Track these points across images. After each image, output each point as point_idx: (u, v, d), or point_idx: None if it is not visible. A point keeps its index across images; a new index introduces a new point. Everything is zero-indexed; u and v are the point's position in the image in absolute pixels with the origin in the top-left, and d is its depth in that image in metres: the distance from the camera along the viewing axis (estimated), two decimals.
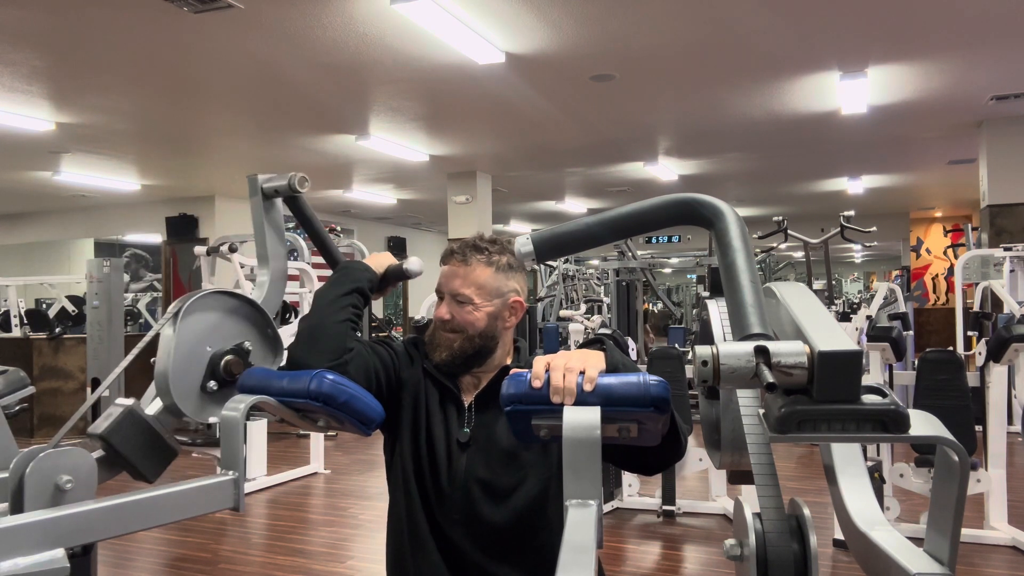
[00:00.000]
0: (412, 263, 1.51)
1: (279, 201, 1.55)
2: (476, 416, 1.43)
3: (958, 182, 10.24)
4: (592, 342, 1.19)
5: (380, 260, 1.51)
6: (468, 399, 1.44)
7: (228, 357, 1.31)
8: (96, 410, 1.46)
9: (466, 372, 1.45)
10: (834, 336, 0.73)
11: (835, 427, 0.70)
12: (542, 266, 9.58)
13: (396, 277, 1.51)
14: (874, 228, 7.83)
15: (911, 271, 13.68)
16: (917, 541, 0.78)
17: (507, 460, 1.38)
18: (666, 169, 9.16)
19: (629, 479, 4.47)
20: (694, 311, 11.05)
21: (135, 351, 1.25)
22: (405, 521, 1.42)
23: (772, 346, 0.73)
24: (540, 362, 1.02)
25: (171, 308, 1.28)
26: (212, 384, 1.30)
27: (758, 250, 9.62)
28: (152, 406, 1.26)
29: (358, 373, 1.35)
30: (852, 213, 7.39)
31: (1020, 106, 6.42)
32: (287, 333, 2.95)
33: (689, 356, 4.20)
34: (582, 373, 1.00)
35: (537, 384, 0.99)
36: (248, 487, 4.93)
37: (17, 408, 1.60)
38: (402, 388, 1.46)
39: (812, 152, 8.37)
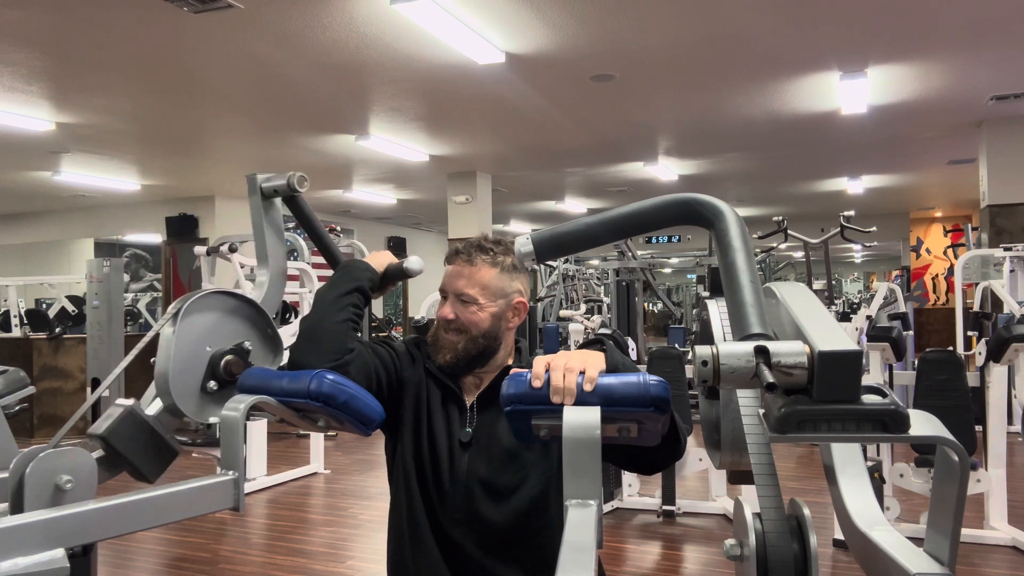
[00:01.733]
0: (412, 262, 1.51)
1: (278, 201, 1.55)
2: (478, 416, 1.43)
3: (958, 182, 10.24)
4: (592, 342, 1.19)
5: (380, 259, 1.51)
6: (470, 399, 1.45)
7: (228, 357, 1.31)
8: (96, 410, 1.46)
9: (468, 372, 1.45)
10: (834, 336, 0.73)
11: (835, 427, 0.70)
12: (542, 266, 9.59)
13: (396, 276, 1.51)
14: (874, 228, 7.83)
15: (911, 271, 13.68)
16: (917, 541, 0.78)
17: (508, 460, 1.38)
18: (666, 169, 9.16)
19: (629, 479, 4.47)
20: (694, 311, 11.05)
21: (135, 351, 1.25)
22: (406, 520, 1.42)
23: (772, 346, 0.73)
24: (540, 362, 1.02)
25: (171, 308, 1.28)
26: (212, 384, 1.30)
27: (758, 250, 9.62)
28: (152, 406, 1.26)
29: (359, 373, 1.35)
30: (852, 213, 7.39)
31: (1020, 106, 6.42)
32: (287, 333, 2.96)
33: (689, 356, 4.20)
34: (582, 373, 1.00)
35: (537, 384, 0.99)
36: (248, 487, 4.93)
37: (17, 408, 1.60)
38: (403, 388, 1.46)
39: (812, 152, 8.38)
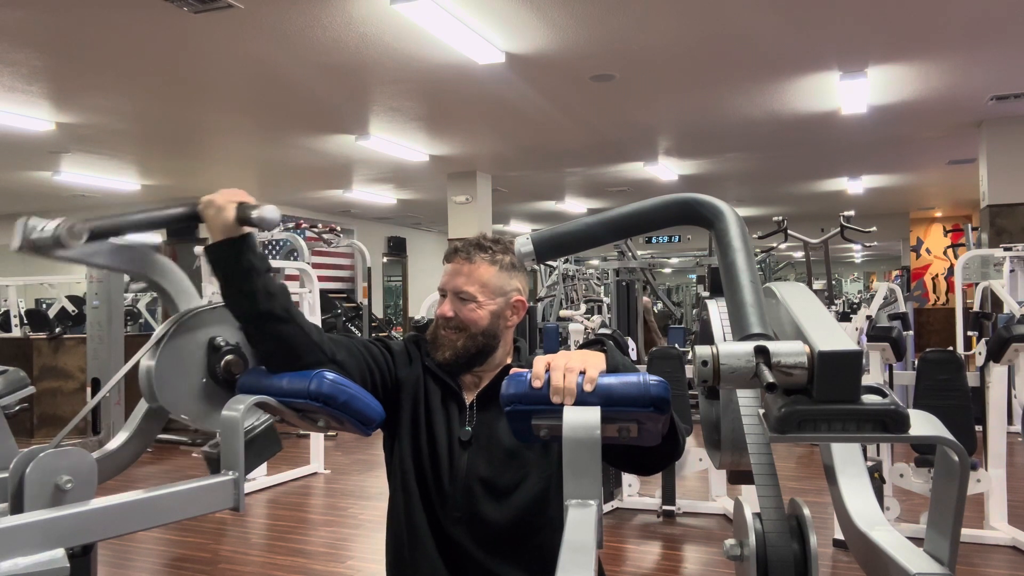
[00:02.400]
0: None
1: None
2: (478, 414, 1.43)
3: (958, 182, 10.24)
4: (592, 343, 1.19)
5: (227, 195, 1.24)
6: (469, 397, 1.45)
7: (228, 357, 1.31)
8: (97, 412, 1.46)
9: (467, 371, 1.45)
10: (834, 336, 0.73)
11: (835, 427, 0.70)
12: (542, 266, 9.58)
13: (245, 221, 1.23)
14: (874, 228, 7.82)
15: (911, 271, 13.68)
16: (917, 541, 0.78)
17: (509, 459, 1.38)
18: (666, 169, 9.16)
19: (629, 479, 4.47)
20: (694, 311, 11.05)
21: (137, 357, 1.25)
22: (404, 520, 1.42)
23: (772, 346, 0.73)
24: (540, 362, 1.02)
25: (169, 321, 1.27)
26: (212, 384, 1.30)
27: (758, 250, 9.61)
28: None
29: (352, 372, 1.35)
30: (852, 213, 7.38)
31: (1020, 106, 6.42)
32: None
33: (689, 356, 4.20)
34: (582, 373, 1.00)
35: (537, 384, 0.99)
36: (248, 487, 4.93)
37: (17, 408, 1.60)
38: (400, 387, 1.46)
39: (812, 152, 8.38)
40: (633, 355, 5.89)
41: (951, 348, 4.10)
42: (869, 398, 0.71)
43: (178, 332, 1.25)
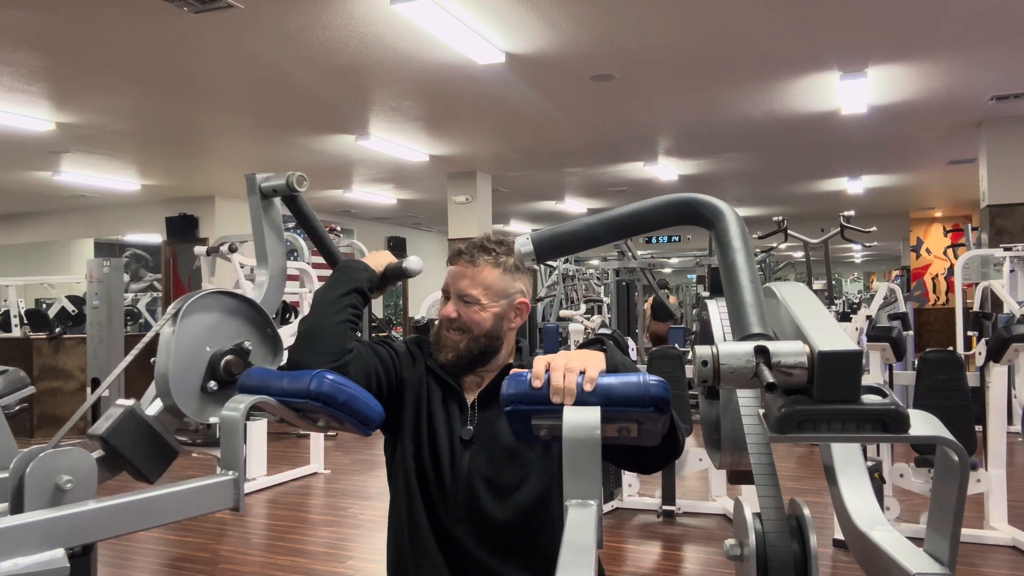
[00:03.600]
0: (412, 262, 1.50)
1: (277, 201, 1.55)
2: (479, 414, 1.43)
3: (958, 182, 10.24)
4: (592, 342, 1.19)
5: (379, 259, 1.51)
6: (471, 397, 1.45)
7: (228, 357, 1.31)
8: (96, 411, 1.46)
9: (470, 371, 1.45)
10: (834, 336, 0.73)
11: (835, 427, 0.70)
12: (542, 266, 9.58)
13: (395, 276, 1.51)
14: (874, 228, 7.83)
15: (911, 271, 13.68)
16: (917, 541, 0.78)
17: (510, 458, 1.39)
18: (666, 169, 9.16)
19: (629, 479, 4.47)
20: (694, 311, 11.05)
21: (135, 351, 1.25)
22: (406, 519, 1.42)
23: (772, 346, 0.73)
24: (540, 362, 1.02)
25: (171, 308, 1.28)
26: (212, 384, 1.30)
27: (758, 250, 9.62)
28: (153, 406, 1.26)
29: (358, 373, 1.35)
30: (852, 213, 7.38)
31: (1020, 106, 6.42)
32: (287, 333, 2.95)
33: (689, 356, 4.20)
34: (582, 373, 1.00)
35: (537, 384, 0.99)
36: (248, 487, 4.93)
37: (17, 408, 1.60)
38: (403, 387, 1.46)
39: (812, 152, 8.38)
40: (633, 355, 5.89)
41: (951, 348, 4.10)
42: (869, 398, 0.71)
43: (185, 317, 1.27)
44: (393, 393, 1.45)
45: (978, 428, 3.74)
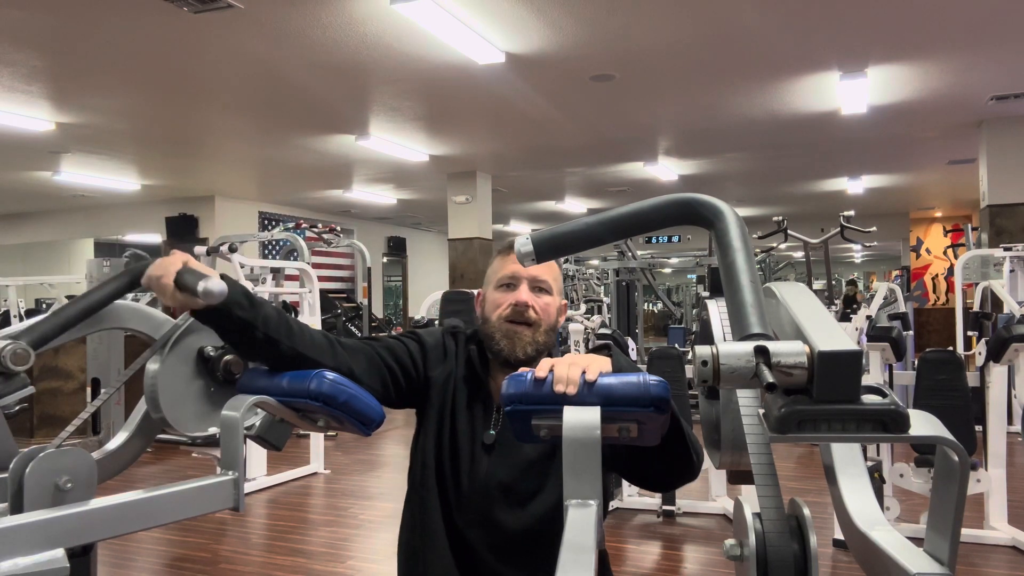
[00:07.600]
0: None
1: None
2: (503, 418, 1.40)
3: (958, 182, 10.24)
4: (600, 348, 1.19)
5: (164, 265, 1.13)
6: (497, 400, 1.42)
7: (228, 357, 1.31)
8: (97, 415, 1.46)
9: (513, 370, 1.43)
10: (834, 336, 0.73)
11: (835, 427, 0.70)
12: None
13: (188, 289, 1.11)
14: (874, 228, 7.83)
15: (911, 271, 13.68)
16: (917, 541, 0.78)
17: (529, 466, 1.37)
18: (666, 169, 9.16)
19: None
20: (694, 311, 11.05)
21: (137, 364, 1.25)
22: (419, 516, 1.41)
23: (772, 346, 0.73)
24: (545, 362, 1.03)
25: (159, 340, 1.27)
26: (212, 385, 1.30)
27: (758, 250, 9.62)
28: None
29: (368, 374, 1.34)
30: (852, 213, 7.39)
31: (1020, 106, 6.42)
32: None
33: (689, 356, 4.20)
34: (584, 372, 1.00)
35: (541, 374, 1.00)
36: (248, 487, 4.93)
37: (17, 408, 1.60)
38: (430, 387, 1.44)
39: (812, 152, 8.38)
40: (633, 355, 5.89)
41: (951, 348, 4.10)
42: (869, 398, 0.71)
43: (175, 345, 1.26)
44: (417, 391, 1.43)
45: (978, 428, 3.74)
